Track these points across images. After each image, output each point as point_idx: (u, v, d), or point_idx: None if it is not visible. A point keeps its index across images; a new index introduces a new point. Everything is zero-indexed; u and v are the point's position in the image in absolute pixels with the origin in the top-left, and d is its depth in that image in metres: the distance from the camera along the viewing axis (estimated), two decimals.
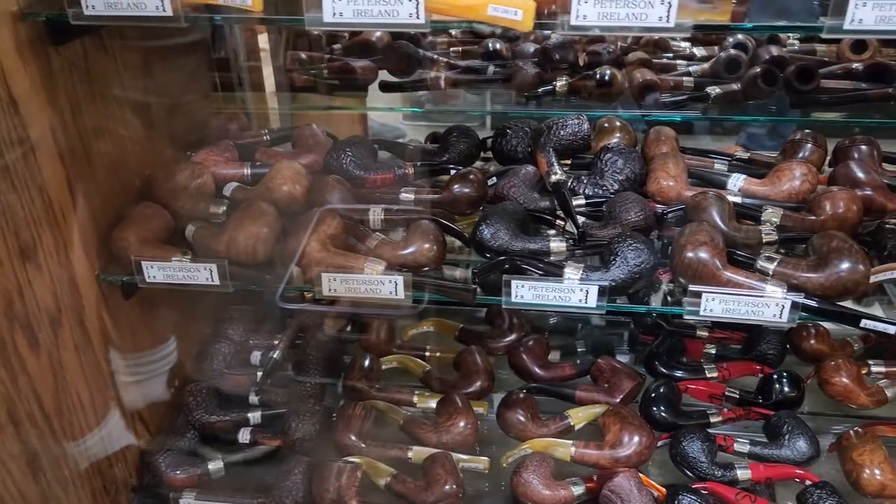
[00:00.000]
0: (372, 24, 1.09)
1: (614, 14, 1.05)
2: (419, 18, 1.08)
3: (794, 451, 1.59)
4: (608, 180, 1.57)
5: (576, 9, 1.05)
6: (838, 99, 2.02)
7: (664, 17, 1.04)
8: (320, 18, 1.11)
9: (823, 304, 1.27)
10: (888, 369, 1.80)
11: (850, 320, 1.28)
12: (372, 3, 1.08)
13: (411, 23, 1.09)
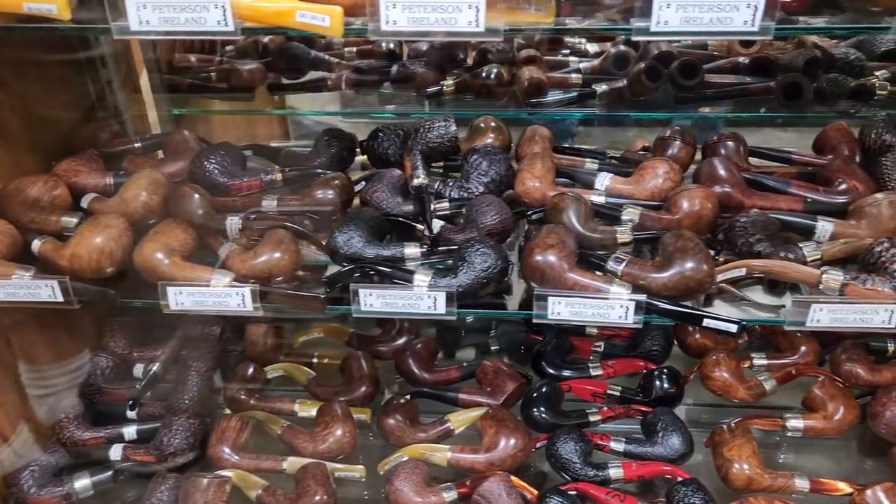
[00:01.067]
0: (179, 32, 1.05)
1: (424, 19, 1.03)
2: (227, 26, 1.05)
3: (667, 449, 1.60)
4: (473, 183, 1.55)
5: (385, 14, 1.03)
6: (722, 93, 2.03)
7: (473, 22, 1.02)
8: (127, 27, 1.07)
9: (666, 304, 1.27)
10: (770, 362, 1.82)
11: (693, 320, 1.29)
12: (178, 11, 1.05)
13: (220, 30, 1.05)
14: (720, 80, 2.06)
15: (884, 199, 1.40)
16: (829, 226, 1.40)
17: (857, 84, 1.91)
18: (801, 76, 1.94)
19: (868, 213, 1.40)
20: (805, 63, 2.02)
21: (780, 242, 1.37)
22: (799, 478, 1.53)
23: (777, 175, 1.62)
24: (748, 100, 2.02)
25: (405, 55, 2.28)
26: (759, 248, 1.35)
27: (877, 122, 1.70)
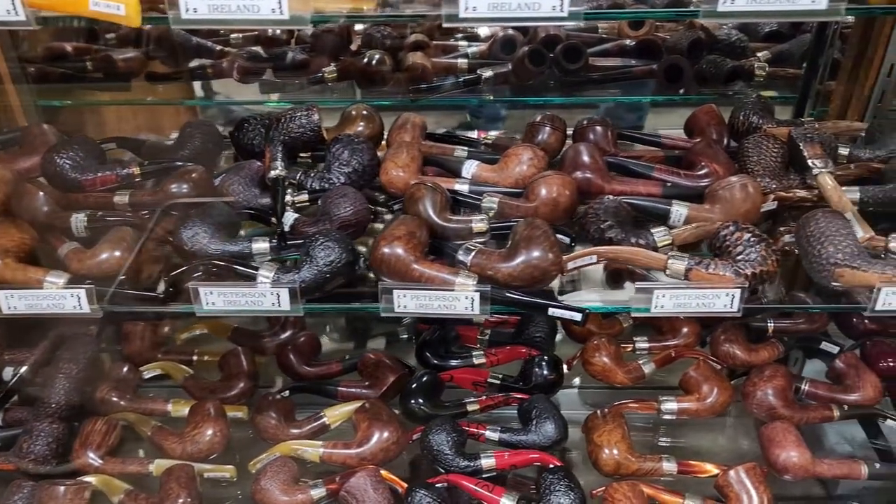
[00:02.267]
0: None
1: (224, 6, 0.98)
2: (18, 15, 0.99)
3: (540, 436, 1.59)
4: (335, 173, 1.51)
5: (184, 3, 0.98)
6: (608, 76, 2.03)
7: (276, 10, 0.98)
8: None
9: (510, 294, 1.25)
10: (652, 345, 1.83)
11: (537, 309, 1.27)
12: None
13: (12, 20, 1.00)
14: (607, 64, 2.05)
15: (736, 182, 1.40)
16: (684, 210, 1.40)
17: (735, 65, 1.92)
18: (680, 58, 1.94)
19: (721, 196, 1.40)
20: (689, 45, 2.02)
21: (630, 228, 1.36)
22: (667, 461, 1.54)
23: (646, 159, 1.62)
24: (633, 82, 2.03)
25: (293, 41, 2.23)
26: (610, 235, 1.34)
27: (745, 103, 1.70)
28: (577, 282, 1.46)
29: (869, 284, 1.23)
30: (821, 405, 1.66)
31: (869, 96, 1.68)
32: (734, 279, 1.24)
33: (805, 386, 1.69)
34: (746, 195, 1.39)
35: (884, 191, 1.42)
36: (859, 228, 1.31)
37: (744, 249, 1.26)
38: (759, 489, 1.44)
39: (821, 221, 1.30)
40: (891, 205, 1.42)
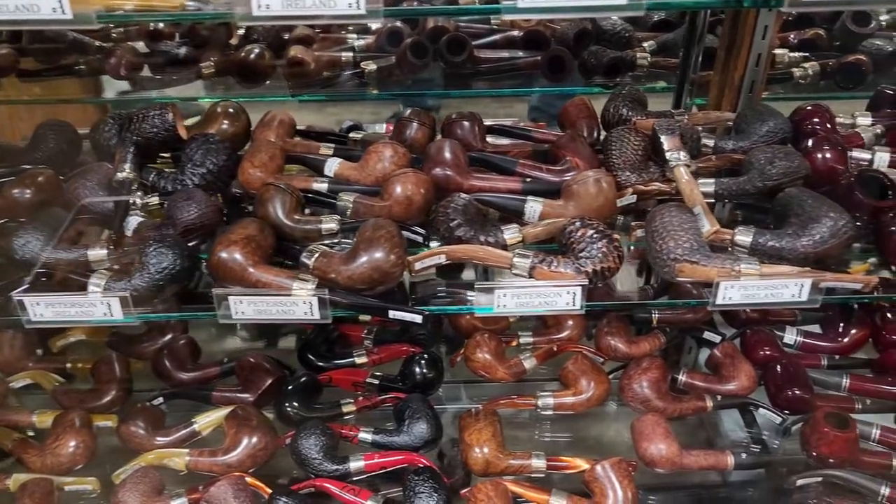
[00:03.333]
0: None
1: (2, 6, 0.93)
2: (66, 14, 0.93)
3: (412, 436, 1.57)
4: (188, 175, 1.47)
5: None
6: (493, 69, 2.00)
7: (58, 9, 0.93)
8: None
9: (348, 298, 1.23)
10: (535, 339, 1.82)
11: (378, 312, 1.25)
12: None
13: None
14: (494, 56, 2.02)
15: (590, 177, 1.39)
16: (538, 206, 1.39)
17: (616, 56, 1.91)
18: (562, 49, 1.92)
19: (575, 192, 1.39)
20: (575, 36, 2.00)
21: (480, 227, 1.34)
22: (536, 458, 1.53)
23: (513, 154, 1.60)
24: (520, 74, 2.00)
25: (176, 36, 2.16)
26: (459, 234, 1.32)
27: (616, 95, 1.69)
28: None
29: (709, 278, 1.23)
30: (695, 396, 1.67)
31: (740, 86, 1.68)
32: (575, 276, 1.23)
33: (682, 377, 1.70)
34: (599, 190, 1.38)
35: (737, 183, 1.42)
36: (706, 222, 1.30)
37: (586, 246, 1.25)
38: (624, 483, 1.44)
39: (665, 216, 1.29)
40: (745, 196, 1.41)
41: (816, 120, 1.59)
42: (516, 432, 1.78)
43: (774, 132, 1.53)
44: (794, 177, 1.38)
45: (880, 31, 2.08)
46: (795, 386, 1.64)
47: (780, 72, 1.90)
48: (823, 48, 1.99)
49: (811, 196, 1.30)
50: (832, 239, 1.23)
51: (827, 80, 1.89)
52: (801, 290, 1.23)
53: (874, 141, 1.58)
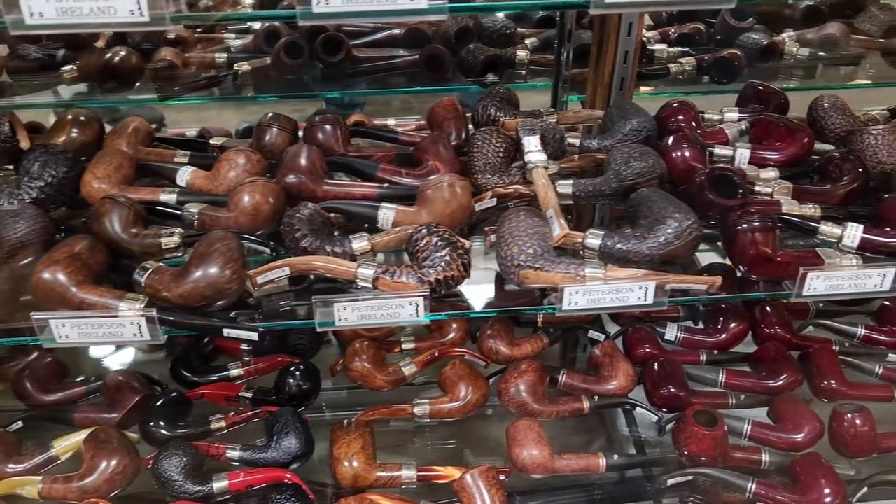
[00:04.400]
0: None
1: None
2: None
3: (280, 452, 1.52)
4: (24, 189, 1.38)
5: None
6: (372, 68, 1.95)
7: None
8: None
9: (179, 317, 1.17)
10: (418, 345, 1.78)
11: (212, 331, 1.20)
12: None
13: None
14: (374, 55, 1.97)
15: (442, 181, 1.35)
16: (391, 213, 1.35)
17: (493, 54, 1.88)
18: (439, 48, 1.89)
19: (428, 197, 1.35)
20: (456, 33, 1.97)
21: (328, 237, 1.29)
22: (406, 468, 1.50)
23: (376, 158, 1.55)
24: (401, 73, 1.96)
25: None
26: (305, 245, 1.27)
27: (486, 95, 1.66)
28: None
29: (554, 284, 1.21)
30: (572, 398, 1.66)
31: (609, 83, 1.66)
32: (418, 286, 1.20)
33: (562, 377, 1.68)
34: (453, 195, 1.34)
35: (594, 183, 1.40)
36: (556, 225, 1.28)
37: (430, 255, 1.22)
38: (492, 491, 1.42)
39: (512, 221, 1.27)
40: (602, 198, 1.40)
41: (681, 117, 1.58)
42: (415, 440, 1.76)
43: (638, 130, 1.51)
44: (650, 177, 1.37)
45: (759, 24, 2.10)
46: (670, 384, 1.64)
47: (658, 67, 1.89)
48: (703, 43, 1.99)
49: (660, 197, 1.29)
50: (677, 240, 1.22)
51: (703, 75, 1.89)
52: (647, 293, 1.21)
53: (738, 137, 1.58)
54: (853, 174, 1.41)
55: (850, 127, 1.54)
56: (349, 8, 1.03)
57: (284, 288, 1.33)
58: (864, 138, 1.46)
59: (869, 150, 1.45)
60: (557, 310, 1.22)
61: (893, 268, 1.22)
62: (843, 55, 1.95)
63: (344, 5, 1.04)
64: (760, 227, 1.25)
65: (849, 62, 1.94)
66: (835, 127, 1.57)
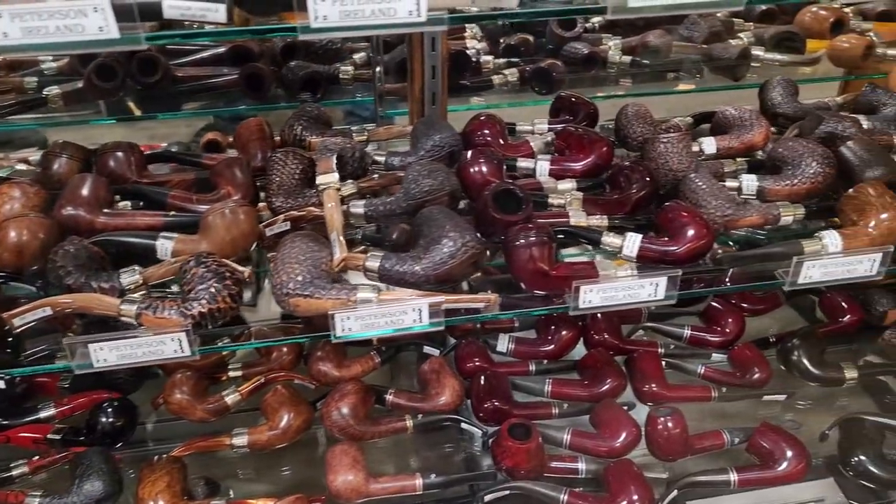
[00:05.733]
0: None
1: None
2: None
3: (82, 497, 1.44)
4: None
5: None
6: (192, 88, 1.90)
7: None
8: None
9: None
10: (245, 371, 1.74)
11: None
12: None
13: None
14: (197, 73, 1.92)
15: (223, 208, 1.31)
16: (170, 244, 1.30)
17: (312, 71, 1.85)
18: (258, 66, 1.85)
19: (209, 224, 1.31)
20: (281, 50, 1.93)
21: (95, 272, 1.24)
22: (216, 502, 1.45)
23: (173, 183, 1.50)
24: (223, 92, 1.91)
25: None
26: (69, 282, 1.21)
27: (296, 113, 1.62)
28: None
29: (325, 310, 1.18)
30: (396, 417, 1.63)
31: (421, 98, 1.65)
32: (181, 322, 1.15)
33: (389, 397, 1.66)
34: (234, 221, 1.30)
35: (385, 203, 1.38)
36: (338, 249, 1.25)
37: (194, 287, 1.18)
38: None
39: (286, 247, 1.24)
40: (394, 217, 1.38)
41: (486, 130, 1.58)
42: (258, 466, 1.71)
43: (440, 146, 1.51)
44: (438, 195, 1.35)
45: (593, 32, 2.13)
46: (495, 397, 1.63)
47: (481, 80, 1.90)
48: (530, 53, 2.01)
49: (441, 216, 1.28)
50: (452, 260, 1.21)
51: (526, 86, 1.90)
52: (421, 315, 1.20)
53: (544, 149, 1.59)
54: (641, 182, 1.43)
55: (648, 135, 1.56)
56: (346, 23, 0.98)
57: None
58: (656, 146, 1.48)
59: (661, 157, 1.47)
60: (333, 336, 1.19)
61: (665, 276, 1.24)
62: (666, 62, 1.99)
63: (341, 20, 0.97)
64: (536, 242, 1.26)
65: (670, 68, 1.98)
66: (636, 135, 1.60)
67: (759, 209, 1.38)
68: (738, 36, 2.05)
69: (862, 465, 1.54)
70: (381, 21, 0.94)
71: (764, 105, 1.74)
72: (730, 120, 1.62)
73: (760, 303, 1.91)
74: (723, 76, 1.96)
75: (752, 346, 1.77)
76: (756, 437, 1.57)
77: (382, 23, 0.93)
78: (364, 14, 0.93)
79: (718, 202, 1.36)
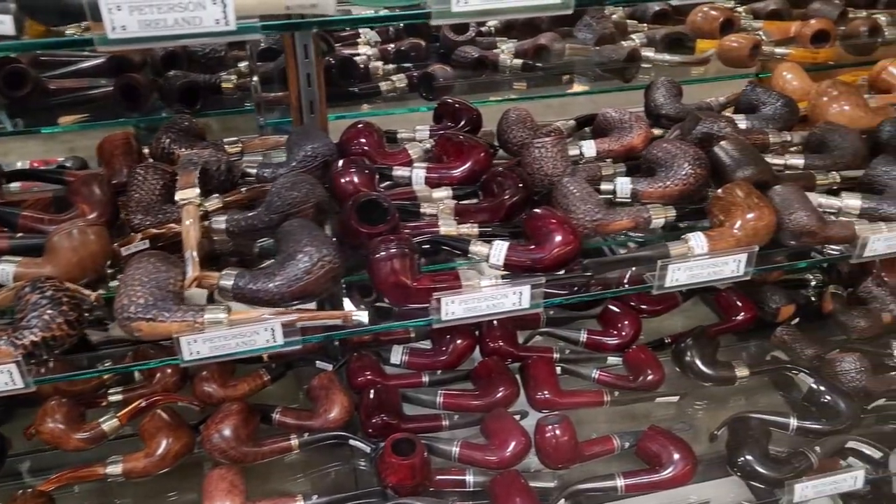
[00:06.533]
0: None
1: None
2: None
3: None
4: None
5: None
6: (69, 100, 1.82)
7: None
8: None
9: None
10: (127, 395, 1.66)
11: None
12: None
13: None
14: (73, 86, 1.84)
15: (70, 228, 1.25)
16: (10, 268, 1.23)
17: (189, 81, 1.79)
18: (133, 76, 1.78)
19: (54, 246, 1.24)
20: (163, 59, 1.86)
21: None
22: None
23: (27, 203, 1.42)
24: (100, 104, 1.83)
25: None
26: None
27: (164, 127, 1.56)
28: None
29: (170, 334, 1.13)
30: (280, 437, 1.58)
31: (299, 106, 1.61)
32: (11, 352, 1.08)
33: (276, 415, 1.60)
34: (81, 242, 1.24)
35: (246, 217, 1.33)
36: (190, 268, 1.20)
37: (27, 314, 1.11)
38: None
39: (130, 268, 1.17)
40: (256, 232, 1.33)
41: (363, 139, 1.54)
42: None
43: (313, 156, 1.46)
44: (302, 207, 1.31)
45: (489, 36, 2.11)
46: (383, 412, 1.59)
47: (370, 86, 1.86)
48: (422, 58, 1.98)
49: (300, 228, 1.23)
50: (307, 276, 1.17)
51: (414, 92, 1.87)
52: (275, 335, 1.15)
53: (422, 156, 1.55)
54: (514, 188, 1.40)
55: (525, 140, 1.54)
56: (148, 33, 0.93)
57: None
58: (531, 151, 1.46)
59: (535, 163, 1.45)
60: (181, 360, 1.14)
61: (528, 285, 1.21)
62: (558, 64, 1.98)
63: (141, 30, 0.93)
64: (397, 254, 1.22)
65: (561, 71, 1.97)
66: (517, 140, 1.58)
67: (629, 212, 1.37)
68: (630, 37, 2.05)
69: (748, 464, 1.55)
70: (186, 31, 0.89)
71: (648, 106, 1.73)
72: (610, 122, 1.61)
73: (658, 303, 1.91)
74: (614, 78, 1.96)
75: (646, 348, 1.76)
76: (643, 440, 1.56)
77: (188, 32, 0.89)
78: (167, 23, 0.88)
79: (587, 207, 1.34)
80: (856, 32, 2.04)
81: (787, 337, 1.82)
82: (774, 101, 1.66)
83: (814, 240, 1.34)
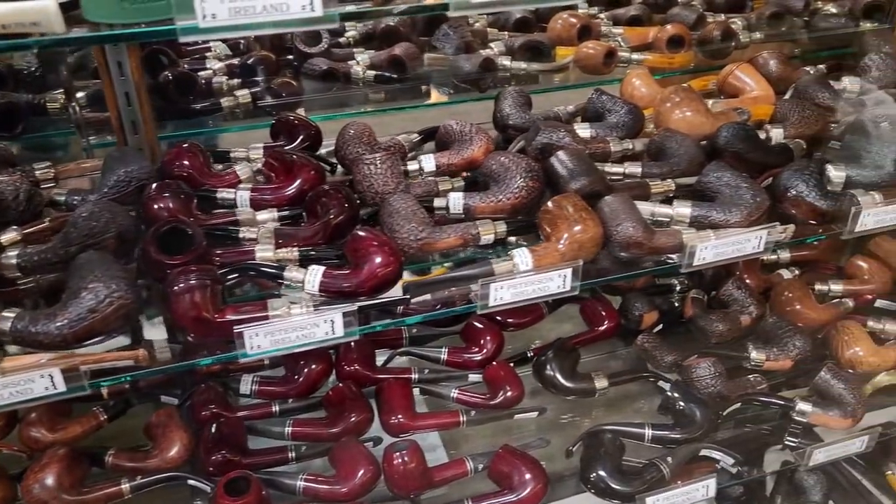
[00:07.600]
0: None
1: None
2: None
3: None
4: None
5: None
6: None
7: None
8: None
9: None
10: None
11: None
12: None
13: None
14: None
15: None
16: None
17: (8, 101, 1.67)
18: None
19: None
20: None
21: None
22: None
23: None
24: None
25: None
26: None
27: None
28: None
29: None
30: (110, 482, 1.47)
31: (120, 125, 1.51)
32: None
33: (109, 458, 1.50)
34: None
35: (41, 251, 1.22)
36: None
37: None
38: None
39: None
40: (50, 267, 1.23)
41: (186, 161, 1.45)
42: None
43: (126, 181, 1.36)
44: (100, 238, 1.21)
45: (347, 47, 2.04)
46: (225, 447, 1.50)
47: (209, 103, 1.76)
48: (273, 72, 1.89)
49: (90, 263, 1.14)
50: (92, 315, 1.08)
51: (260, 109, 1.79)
52: (54, 381, 1.05)
53: (251, 177, 1.47)
54: (338, 208, 1.34)
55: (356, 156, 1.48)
56: None
57: None
58: (360, 168, 1.40)
59: (366, 180, 1.39)
60: None
61: (339, 311, 1.15)
62: (415, 75, 1.93)
63: None
64: (197, 285, 1.14)
65: (417, 82, 1.92)
66: (353, 157, 1.51)
67: (456, 230, 1.32)
68: (489, 46, 2.02)
69: (601, 479, 1.52)
70: (274, 18, 0.91)
71: (495, 117, 1.70)
72: (452, 135, 1.57)
73: (523, 316, 1.87)
74: (470, 88, 1.92)
75: (505, 364, 1.72)
76: (495, 462, 1.52)
77: (275, 20, 0.91)
78: (255, 10, 0.90)
79: (411, 226, 1.29)
80: (710, 37, 2.05)
81: (648, 344, 1.80)
82: (619, 109, 1.65)
83: (641, 250, 1.32)
